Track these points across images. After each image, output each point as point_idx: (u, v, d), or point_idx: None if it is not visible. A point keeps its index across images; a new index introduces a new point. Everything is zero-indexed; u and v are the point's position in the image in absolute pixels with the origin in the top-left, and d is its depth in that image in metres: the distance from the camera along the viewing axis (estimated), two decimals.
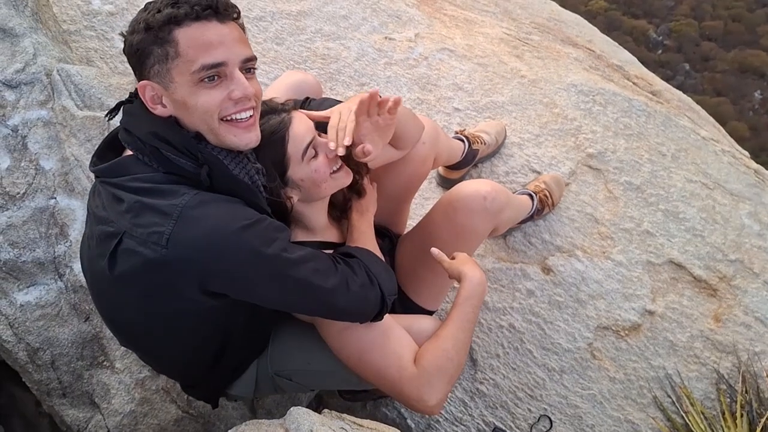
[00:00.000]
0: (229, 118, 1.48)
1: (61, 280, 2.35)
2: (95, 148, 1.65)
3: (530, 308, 2.57)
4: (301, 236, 1.80)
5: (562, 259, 2.66)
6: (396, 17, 3.49)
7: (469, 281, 1.81)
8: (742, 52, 38.70)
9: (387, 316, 1.74)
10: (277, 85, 2.27)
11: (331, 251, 1.73)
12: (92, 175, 2.40)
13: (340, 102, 1.83)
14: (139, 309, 1.55)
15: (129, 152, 1.55)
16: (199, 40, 1.41)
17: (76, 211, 2.41)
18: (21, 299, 2.30)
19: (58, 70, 2.57)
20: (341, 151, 1.60)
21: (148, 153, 1.47)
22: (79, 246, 2.33)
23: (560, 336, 2.52)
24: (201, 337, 1.66)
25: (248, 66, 1.50)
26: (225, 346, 1.72)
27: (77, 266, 2.33)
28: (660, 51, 40.21)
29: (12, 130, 2.48)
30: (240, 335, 1.72)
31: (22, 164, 2.45)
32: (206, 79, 1.43)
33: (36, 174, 2.44)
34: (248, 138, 1.52)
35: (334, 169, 1.74)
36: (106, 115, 1.66)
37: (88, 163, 2.37)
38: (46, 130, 2.50)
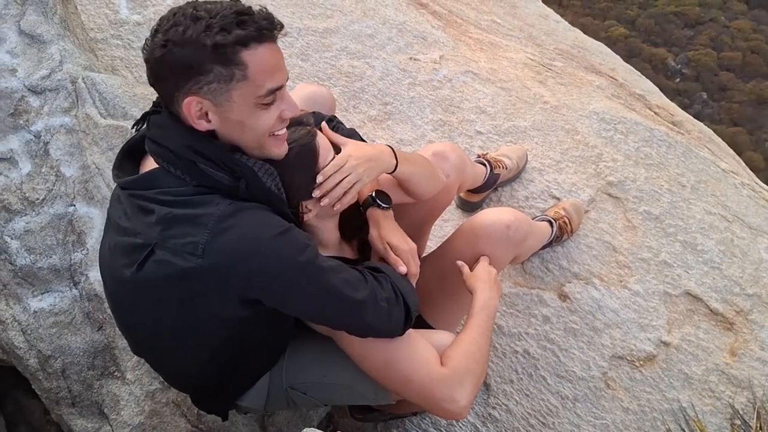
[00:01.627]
0: (275, 133, 1.52)
1: (76, 288, 2.34)
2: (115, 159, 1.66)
3: (546, 335, 2.55)
4: None
5: (579, 287, 2.64)
6: (422, 38, 3.50)
7: (479, 296, 1.86)
8: (760, 84, 38.60)
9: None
10: None
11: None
12: (112, 184, 2.43)
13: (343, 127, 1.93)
14: (164, 318, 1.55)
15: (150, 163, 1.56)
16: (267, 64, 1.42)
17: (94, 219, 2.42)
18: (35, 306, 2.30)
19: (83, 78, 2.59)
20: (326, 202, 1.69)
21: (181, 166, 1.47)
22: (96, 254, 2.35)
23: (575, 364, 2.49)
24: (220, 347, 1.65)
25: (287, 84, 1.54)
26: (242, 357, 1.72)
27: (93, 274, 2.33)
28: (678, 79, 40.19)
29: (35, 136, 2.50)
30: (258, 346, 1.72)
31: (43, 170, 2.46)
32: (267, 102, 1.45)
33: (56, 180, 2.45)
34: (284, 148, 1.57)
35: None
36: (133, 126, 1.65)
37: (108, 171, 2.43)
38: (69, 137, 2.51)
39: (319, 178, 1.67)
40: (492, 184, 2.74)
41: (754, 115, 37.54)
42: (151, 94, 2.61)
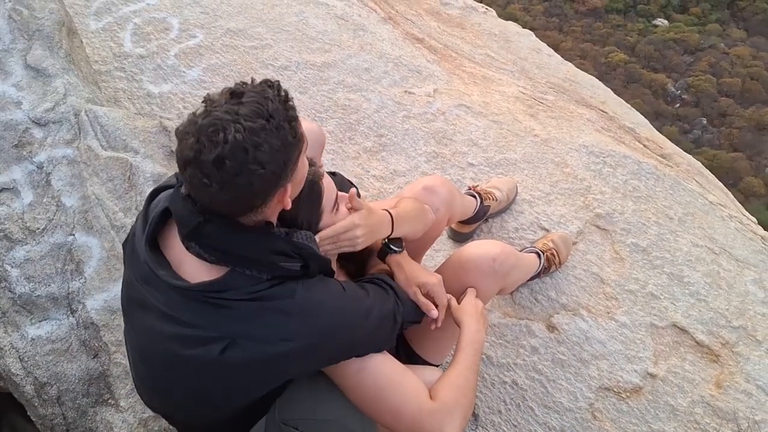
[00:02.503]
0: None
1: (73, 316, 2.39)
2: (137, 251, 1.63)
3: (534, 365, 2.59)
4: None
5: (567, 318, 2.69)
6: (417, 72, 3.58)
7: (467, 330, 1.92)
8: (759, 110, 38.80)
9: (398, 362, 1.79)
10: None
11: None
12: (111, 214, 2.50)
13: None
14: (220, 394, 1.61)
15: (173, 244, 1.58)
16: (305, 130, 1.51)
17: (93, 249, 2.47)
18: (32, 333, 2.34)
19: (86, 111, 2.67)
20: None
21: (259, 267, 1.52)
22: (93, 284, 2.41)
23: (562, 395, 2.53)
24: (251, 405, 1.72)
25: None
26: (262, 405, 1.77)
27: (90, 303, 2.38)
28: (678, 105, 40.39)
29: (37, 167, 2.57)
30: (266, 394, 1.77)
31: (44, 200, 2.52)
32: None
33: (57, 210, 2.51)
34: None
35: None
36: (187, 238, 1.53)
37: (108, 202, 2.49)
38: (70, 168, 2.58)
39: (327, 232, 1.77)
40: (482, 216, 2.80)
41: (754, 141, 37.70)
42: (151, 128, 2.69)
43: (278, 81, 1.46)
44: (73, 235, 2.49)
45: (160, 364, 1.62)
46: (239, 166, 1.34)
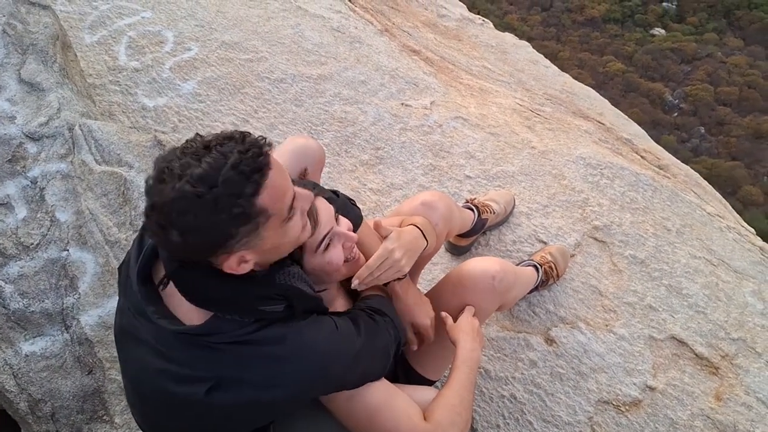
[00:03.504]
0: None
1: (68, 332, 2.37)
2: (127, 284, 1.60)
3: (532, 379, 2.57)
4: None
5: (565, 331, 2.67)
6: (413, 84, 3.58)
7: (462, 349, 1.90)
8: (757, 119, 38.92)
9: (391, 384, 1.77)
10: (281, 151, 2.25)
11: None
12: (105, 229, 2.48)
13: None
14: (206, 428, 1.58)
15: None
16: (278, 192, 1.37)
17: (87, 264, 2.46)
18: (26, 349, 2.33)
19: (80, 125, 2.66)
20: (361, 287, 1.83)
21: (241, 311, 1.47)
22: (87, 299, 2.39)
23: (561, 408, 2.51)
24: None
25: None
26: None
27: (84, 319, 2.37)
28: (676, 114, 40.52)
29: (31, 182, 2.55)
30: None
31: (38, 215, 2.51)
32: (290, 212, 1.44)
33: (51, 225, 2.50)
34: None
35: (349, 257, 1.80)
36: (159, 285, 1.54)
37: (102, 217, 2.48)
38: (64, 182, 2.57)
39: (363, 271, 1.79)
40: (480, 229, 2.78)
41: (752, 149, 37.81)
42: (146, 142, 2.68)
43: (264, 140, 1.37)
44: (68, 250, 2.47)
45: (151, 397, 1.60)
46: (164, 222, 1.29)
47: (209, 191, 1.26)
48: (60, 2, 3.68)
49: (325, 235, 1.70)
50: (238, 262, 1.40)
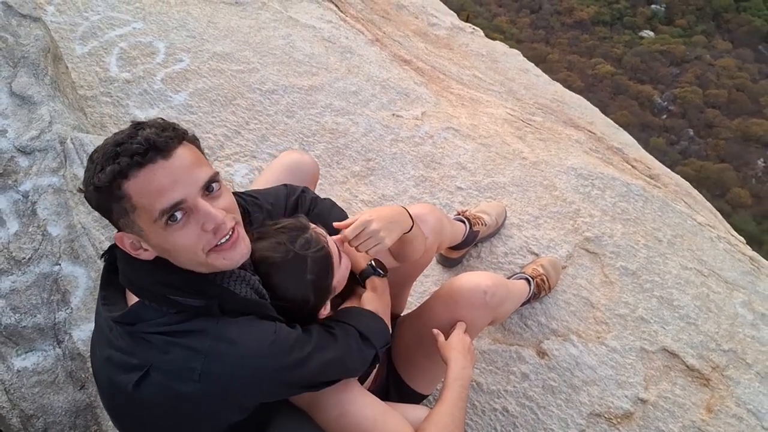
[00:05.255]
0: (217, 245, 1.45)
1: (60, 347, 2.37)
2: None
3: (524, 392, 2.58)
4: None
5: (557, 343, 2.68)
6: (404, 95, 3.59)
7: (453, 366, 1.90)
8: (745, 121, 39.15)
9: (381, 402, 1.77)
10: (275, 165, 2.29)
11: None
12: (98, 243, 2.48)
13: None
14: (162, 426, 1.57)
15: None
16: (149, 188, 1.35)
17: (79, 279, 2.45)
18: (18, 365, 2.32)
19: (72, 139, 2.65)
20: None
21: (156, 300, 1.47)
22: (79, 314, 2.39)
23: (553, 422, 2.52)
24: None
25: (211, 186, 1.44)
26: None
27: (76, 334, 2.36)
28: (665, 116, 40.71)
29: (23, 196, 2.55)
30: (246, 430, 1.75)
31: (30, 230, 2.50)
32: (170, 221, 1.37)
33: (42, 240, 2.49)
34: (238, 254, 1.50)
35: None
36: (102, 257, 1.63)
37: (95, 231, 2.47)
38: (56, 196, 2.56)
39: (338, 238, 1.75)
40: (471, 242, 2.79)
41: (741, 152, 38.04)
42: None
43: (158, 126, 1.41)
44: (59, 264, 2.46)
45: (106, 391, 1.62)
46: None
47: (96, 158, 1.38)
48: (51, 13, 3.67)
49: (339, 253, 1.71)
50: (133, 246, 1.45)
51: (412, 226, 1.90)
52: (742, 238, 3.40)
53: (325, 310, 1.77)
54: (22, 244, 2.47)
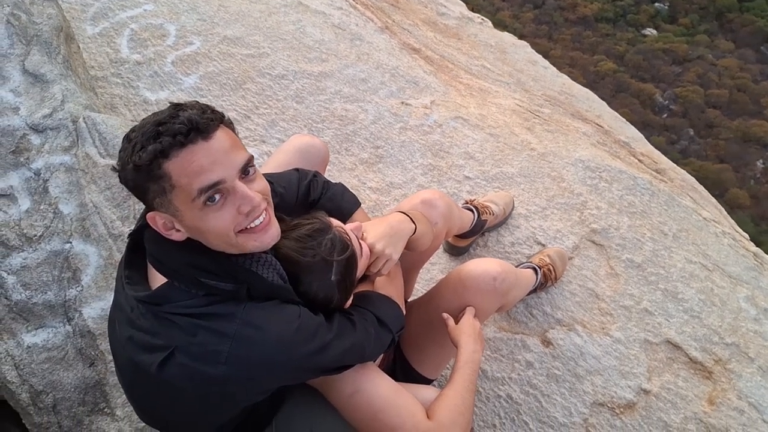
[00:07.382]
0: (248, 227, 1.48)
1: (69, 324, 2.38)
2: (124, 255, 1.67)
3: (528, 380, 2.60)
4: None
5: (562, 333, 2.70)
6: (414, 83, 3.59)
7: (464, 350, 1.93)
8: (746, 122, 39.16)
9: (394, 382, 1.79)
10: (285, 148, 2.31)
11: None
12: (109, 222, 2.49)
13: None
14: (183, 407, 1.59)
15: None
16: (189, 168, 1.37)
17: (90, 257, 2.46)
18: (28, 341, 2.33)
19: (84, 118, 2.65)
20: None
21: (186, 281, 1.49)
22: (90, 292, 2.40)
23: (556, 410, 2.54)
24: (231, 421, 1.69)
25: (248, 170, 1.47)
26: (250, 423, 1.76)
27: (86, 311, 2.37)
28: (665, 115, 40.69)
29: (35, 174, 2.55)
30: (263, 412, 1.76)
31: (42, 207, 2.51)
32: (208, 201, 1.40)
33: (54, 217, 2.50)
34: (269, 236, 1.53)
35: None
36: (129, 236, 1.64)
37: (106, 210, 2.49)
38: (68, 175, 2.57)
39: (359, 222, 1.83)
40: (479, 230, 2.81)
41: (740, 152, 38.04)
42: None
43: (197, 108, 1.44)
44: (70, 242, 2.47)
45: (126, 370, 1.63)
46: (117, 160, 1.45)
47: (135, 137, 1.40)
48: None
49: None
50: (166, 227, 1.47)
51: (415, 229, 1.95)
52: (746, 234, 3.42)
53: (349, 302, 1.80)
54: (34, 221, 2.48)
